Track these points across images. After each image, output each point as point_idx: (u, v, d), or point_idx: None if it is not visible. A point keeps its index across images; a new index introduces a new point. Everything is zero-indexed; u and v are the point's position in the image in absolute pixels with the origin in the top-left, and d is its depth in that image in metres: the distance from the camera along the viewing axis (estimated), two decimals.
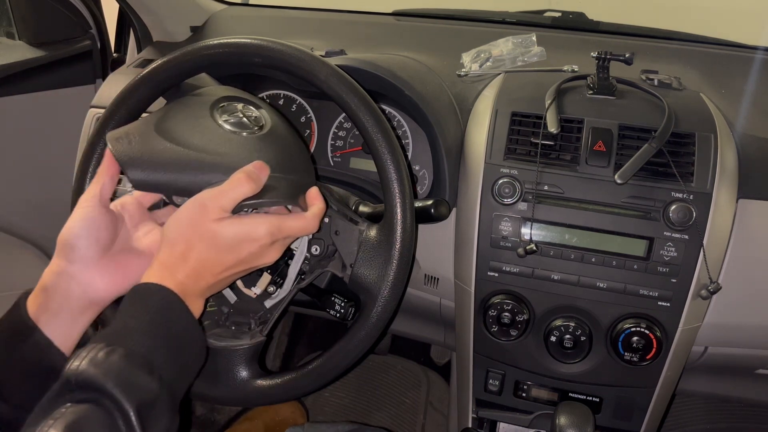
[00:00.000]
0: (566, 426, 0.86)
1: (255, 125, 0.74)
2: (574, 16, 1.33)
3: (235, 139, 0.71)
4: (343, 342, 0.73)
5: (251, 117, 0.75)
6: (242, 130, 0.73)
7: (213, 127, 0.72)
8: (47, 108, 1.38)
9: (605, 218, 0.86)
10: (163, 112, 0.73)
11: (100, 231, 0.67)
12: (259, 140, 0.72)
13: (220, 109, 0.74)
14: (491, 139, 0.90)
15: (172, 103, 0.75)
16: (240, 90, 0.80)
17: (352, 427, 0.95)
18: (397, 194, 0.71)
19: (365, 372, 1.69)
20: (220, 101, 0.75)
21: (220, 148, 0.70)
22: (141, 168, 0.67)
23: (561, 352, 0.90)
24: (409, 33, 1.30)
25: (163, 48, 1.31)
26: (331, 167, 1.11)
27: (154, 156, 0.68)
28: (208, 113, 0.73)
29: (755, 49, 1.21)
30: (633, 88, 0.97)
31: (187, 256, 0.64)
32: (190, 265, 0.64)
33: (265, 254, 0.68)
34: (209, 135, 0.71)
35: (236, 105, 0.76)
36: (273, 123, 0.76)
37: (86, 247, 0.66)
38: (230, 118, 0.73)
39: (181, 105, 0.75)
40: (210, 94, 0.77)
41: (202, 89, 0.79)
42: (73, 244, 0.65)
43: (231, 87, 0.81)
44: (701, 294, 0.85)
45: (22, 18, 1.37)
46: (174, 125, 0.71)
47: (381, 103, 1.06)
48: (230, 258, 0.66)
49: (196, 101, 0.75)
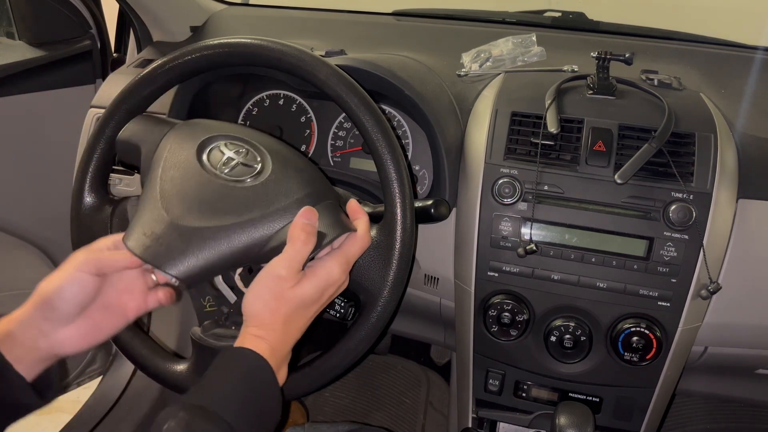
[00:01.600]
0: (566, 426, 0.86)
1: (252, 161, 0.73)
2: (574, 16, 1.33)
3: (252, 188, 0.70)
4: (343, 342, 0.73)
5: (241, 153, 0.74)
6: (246, 174, 0.72)
7: (220, 185, 0.70)
8: (47, 108, 1.38)
9: (605, 218, 0.86)
10: (159, 188, 0.70)
11: (85, 295, 0.65)
12: (277, 178, 0.72)
13: (209, 161, 0.73)
14: (491, 139, 0.90)
15: (154, 171, 0.72)
16: (200, 124, 0.78)
17: (353, 427, 0.95)
18: (397, 194, 0.71)
19: (365, 372, 1.69)
20: (199, 151, 0.73)
21: (246, 206, 0.69)
22: (182, 263, 0.65)
23: (561, 352, 0.90)
24: (409, 33, 1.30)
25: (163, 48, 1.31)
26: (331, 167, 1.11)
27: (190, 247, 0.66)
28: (203, 171, 0.71)
29: (755, 49, 1.21)
30: (633, 88, 0.97)
31: (275, 327, 0.65)
32: (280, 332, 0.65)
33: (341, 287, 0.71)
34: (224, 197, 0.69)
35: (219, 146, 0.74)
36: (267, 146, 0.75)
37: (66, 309, 0.64)
38: (225, 167, 0.72)
39: (169, 169, 0.72)
40: (184, 144, 0.74)
41: (165, 141, 0.75)
42: (54, 304, 0.63)
43: (188, 122, 0.79)
44: (701, 294, 0.85)
45: (22, 18, 1.37)
46: (182, 201, 0.68)
47: (381, 103, 1.06)
48: (315, 308, 0.69)
49: (179, 160, 0.72)
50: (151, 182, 0.70)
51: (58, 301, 0.63)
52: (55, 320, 0.64)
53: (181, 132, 0.76)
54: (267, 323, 0.65)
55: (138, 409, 1.35)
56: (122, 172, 1.04)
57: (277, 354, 0.64)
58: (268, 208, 0.68)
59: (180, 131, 0.76)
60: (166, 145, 0.74)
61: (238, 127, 0.79)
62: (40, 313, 0.63)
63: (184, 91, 1.06)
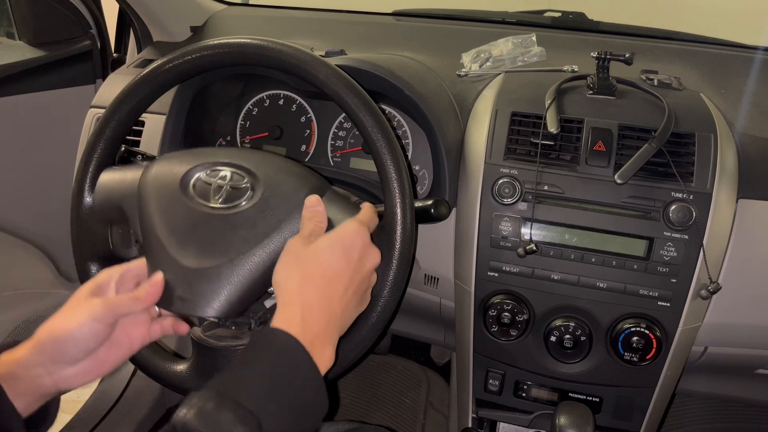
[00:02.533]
0: (566, 426, 0.86)
1: (240, 182, 0.72)
2: (574, 16, 1.33)
3: (252, 208, 0.70)
4: (343, 342, 0.73)
5: (225, 177, 0.73)
6: (239, 198, 0.71)
7: (221, 217, 0.69)
8: (47, 108, 1.38)
9: (605, 218, 0.86)
10: (164, 240, 0.69)
11: (97, 341, 0.64)
12: (272, 192, 0.71)
13: (199, 196, 0.71)
14: (491, 139, 0.90)
15: (149, 224, 0.71)
16: (169, 160, 0.76)
17: (353, 425, 0.95)
18: (397, 194, 0.71)
19: (365, 372, 1.69)
20: (184, 189, 0.72)
21: (254, 227, 0.68)
22: (218, 303, 0.66)
23: (561, 352, 0.90)
24: (409, 33, 1.30)
25: (163, 48, 1.31)
26: (331, 167, 1.11)
27: (220, 286, 0.66)
28: (198, 208, 0.70)
29: (755, 49, 1.21)
30: (633, 88, 0.97)
31: (302, 289, 0.61)
32: (310, 295, 0.61)
33: (370, 251, 0.67)
34: (232, 227, 0.69)
35: (200, 178, 0.73)
36: (246, 160, 0.74)
37: (77, 354, 0.63)
38: (218, 197, 0.71)
39: (165, 217, 0.70)
40: (166, 188, 0.72)
41: (144, 191, 0.73)
42: (65, 348, 0.62)
43: (157, 163, 0.76)
44: (701, 294, 0.85)
45: (22, 18, 1.37)
46: (193, 244, 0.68)
47: (381, 103, 1.06)
48: (342, 265, 0.64)
49: (170, 205, 0.71)
50: (152, 236, 0.70)
51: (71, 346, 0.63)
52: (63, 362, 0.63)
53: (156, 177, 0.74)
54: (292, 287, 0.62)
55: (138, 409, 1.35)
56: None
57: (310, 327, 0.59)
58: (275, 220, 0.69)
59: (154, 176, 0.74)
60: (146, 194, 0.73)
61: (208, 150, 0.78)
62: (49, 356, 0.62)
63: (184, 91, 1.06)
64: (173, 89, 0.91)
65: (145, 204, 0.72)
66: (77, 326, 0.63)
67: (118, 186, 0.76)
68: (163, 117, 1.06)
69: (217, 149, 0.78)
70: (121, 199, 0.75)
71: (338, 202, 0.73)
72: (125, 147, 0.87)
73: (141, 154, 0.88)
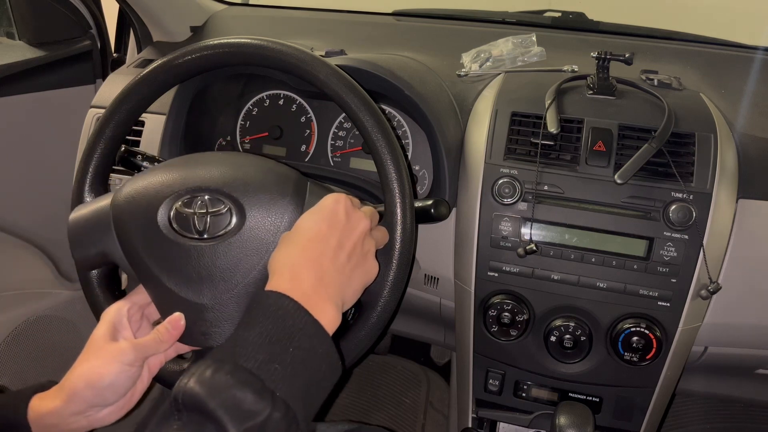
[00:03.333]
0: (566, 426, 0.86)
1: (218, 205, 0.69)
2: (574, 16, 1.33)
3: (243, 232, 0.67)
4: (343, 342, 0.73)
5: (201, 203, 0.68)
6: (224, 224, 0.67)
7: (213, 248, 0.67)
8: (47, 108, 1.38)
9: (605, 218, 0.86)
10: (167, 284, 0.67)
11: (132, 383, 0.66)
12: (256, 210, 0.69)
13: (182, 231, 0.68)
14: (491, 139, 0.90)
15: (144, 268, 0.69)
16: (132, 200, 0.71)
17: (352, 426, 0.95)
18: (397, 194, 0.71)
19: (365, 372, 1.69)
20: (164, 227, 0.68)
21: (256, 245, 0.67)
22: None
23: (561, 352, 0.90)
24: (409, 33, 1.30)
25: (163, 48, 1.31)
26: (331, 167, 1.11)
27: (237, 312, 0.67)
28: (188, 245, 0.67)
29: (755, 49, 1.21)
30: (633, 88, 0.97)
31: (290, 257, 0.61)
32: (299, 263, 0.60)
33: (355, 215, 0.65)
34: (228, 256, 0.67)
35: (176, 209, 0.69)
36: (214, 181, 0.70)
37: (114, 397, 0.65)
38: (201, 228, 0.68)
39: (159, 261, 0.68)
40: (142, 230, 0.69)
41: (123, 235, 0.70)
42: (103, 395, 0.64)
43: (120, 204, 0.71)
44: (701, 294, 0.85)
45: (22, 18, 1.37)
46: (197, 281, 0.67)
47: (381, 103, 1.06)
48: (324, 227, 0.62)
49: (159, 247, 0.68)
50: (153, 280, 0.69)
51: (110, 393, 0.64)
52: (101, 406, 0.65)
53: (131, 217, 0.70)
54: (278, 257, 0.61)
55: (138, 408, 1.35)
56: (122, 172, 1.04)
57: (300, 284, 0.58)
58: (268, 232, 0.68)
59: (129, 217, 0.70)
60: (129, 240, 0.70)
61: (168, 170, 0.73)
62: (87, 404, 0.63)
63: (184, 91, 1.06)
64: (173, 89, 0.91)
65: (132, 250, 0.70)
66: (115, 374, 0.63)
67: (92, 230, 0.72)
68: (163, 117, 1.06)
69: (177, 166, 0.73)
70: (101, 244, 0.71)
71: (321, 190, 0.72)
72: (125, 147, 0.87)
73: (141, 154, 0.88)
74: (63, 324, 1.37)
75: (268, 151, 1.15)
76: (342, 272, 0.62)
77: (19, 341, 1.29)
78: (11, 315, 1.28)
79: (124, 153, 0.87)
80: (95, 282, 0.78)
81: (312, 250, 0.61)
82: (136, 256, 0.69)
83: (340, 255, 0.63)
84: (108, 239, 0.71)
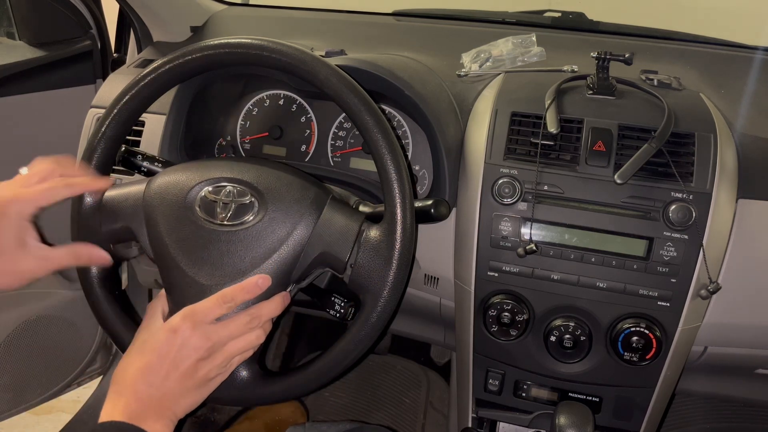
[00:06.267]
0: (566, 426, 0.86)
1: (243, 196, 0.74)
2: (574, 16, 1.33)
3: (262, 222, 0.73)
4: (343, 342, 0.73)
5: (229, 191, 0.74)
6: (247, 212, 0.73)
7: (233, 234, 0.72)
8: (47, 108, 1.38)
9: (605, 218, 0.86)
10: (186, 268, 0.72)
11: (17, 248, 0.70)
12: (279, 207, 0.73)
13: (208, 215, 0.73)
14: (491, 139, 0.90)
15: (164, 251, 0.73)
16: (166, 179, 0.77)
17: (353, 426, 0.95)
18: (397, 194, 0.71)
19: (365, 372, 1.69)
20: (190, 209, 0.74)
21: (263, 244, 0.72)
22: None
23: (561, 352, 0.90)
24: (409, 33, 1.30)
25: (163, 48, 1.31)
26: (331, 167, 1.11)
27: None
28: (212, 229, 0.72)
29: (755, 49, 1.21)
30: (633, 88, 0.97)
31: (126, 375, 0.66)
32: (134, 378, 0.65)
33: (191, 348, 0.67)
34: (245, 245, 0.72)
35: (204, 195, 0.75)
36: (244, 173, 0.76)
37: None
38: (224, 214, 0.73)
39: (174, 234, 0.73)
40: (172, 210, 0.74)
41: (153, 214, 0.75)
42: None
43: (157, 183, 0.78)
44: (701, 294, 0.85)
45: (22, 18, 1.37)
46: (208, 261, 0.71)
47: (381, 103, 1.06)
48: (155, 360, 0.66)
49: (178, 222, 0.74)
50: (167, 257, 0.73)
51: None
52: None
53: (160, 195, 0.76)
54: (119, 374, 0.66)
55: None
56: (122, 172, 1.04)
57: (134, 405, 0.63)
58: (283, 233, 0.72)
59: (159, 195, 0.76)
60: (153, 215, 0.75)
61: (207, 164, 0.79)
62: None
63: (184, 91, 1.06)
64: (173, 89, 0.91)
65: (154, 224, 0.75)
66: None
67: (123, 206, 0.77)
68: (163, 117, 1.06)
69: (215, 161, 0.79)
70: (128, 219, 0.77)
71: (339, 210, 0.75)
72: (125, 147, 0.87)
73: (141, 154, 0.88)
74: (63, 324, 1.37)
75: (268, 151, 1.15)
76: (174, 390, 0.66)
77: (20, 341, 1.29)
78: (11, 315, 1.28)
79: (124, 153, 0.87)
80: (95, 282, 0.78)
81: (148, 374, 0.65)
82: (157, 235, 0.74)
83: (173, 375, 0.66)
84: (135, 216, 0.76)
